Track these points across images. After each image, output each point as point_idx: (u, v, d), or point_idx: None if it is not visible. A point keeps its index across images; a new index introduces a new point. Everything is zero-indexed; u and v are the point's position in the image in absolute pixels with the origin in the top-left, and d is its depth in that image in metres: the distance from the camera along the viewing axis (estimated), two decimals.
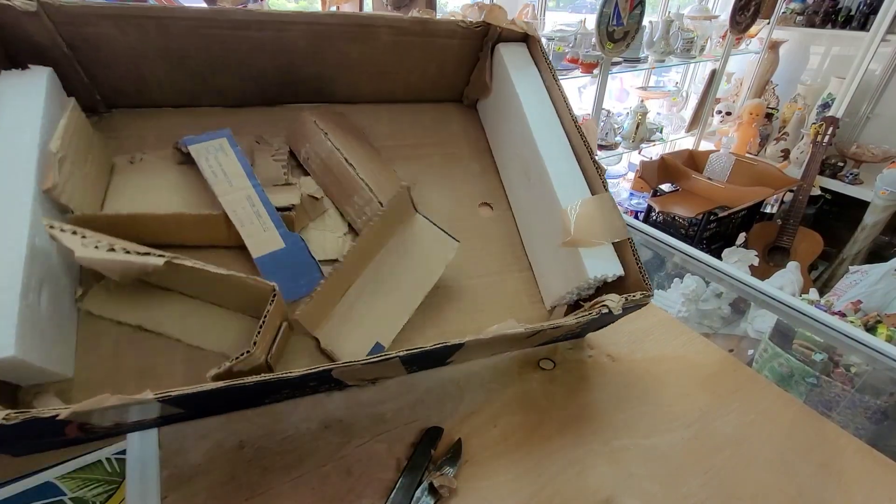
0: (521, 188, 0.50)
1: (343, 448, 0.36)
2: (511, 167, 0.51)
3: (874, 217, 2.03)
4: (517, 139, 0.48)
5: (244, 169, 0.41)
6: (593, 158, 0.44)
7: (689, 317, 1.05)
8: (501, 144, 0.53)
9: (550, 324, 0.35)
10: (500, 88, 0.51)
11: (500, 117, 0.52)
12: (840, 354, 0.75)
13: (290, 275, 0.40)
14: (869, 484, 0.37)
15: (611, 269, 0.40)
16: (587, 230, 0.40)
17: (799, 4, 2.39)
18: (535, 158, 0.45)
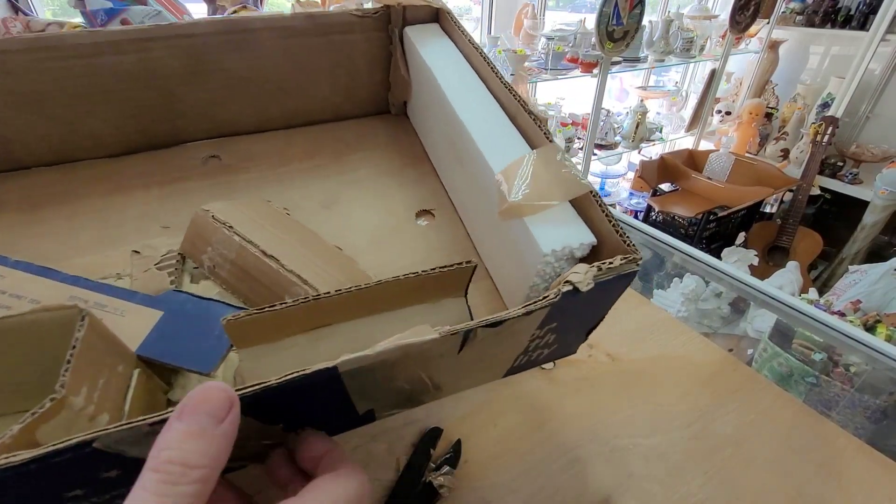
0: (459, 178, 0.40)
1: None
2: (446, 159, 0.43)
3: (874, 217, 2.03)
4: (443, 123, 0.40)
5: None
6: (529, 110, 0.34)
7: (688, 316, 1.06)
8: (433, 139, 0.45)
9: (481, 321, 0.23)
10: (420, 78, 0.43)
11: (426, 110, 0.44)
12: (839, 354, 0.75)
13: (192, 336, 0.30)
14: (868, 483, 0.37)
15: (575, 236, 0.28)
16: (531, 192, 0.29)
17: (798, 4, 2.39)
18: (461, 133, 0.36)
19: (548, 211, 0.29)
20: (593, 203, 0.29)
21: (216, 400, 0.17)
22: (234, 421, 0.17)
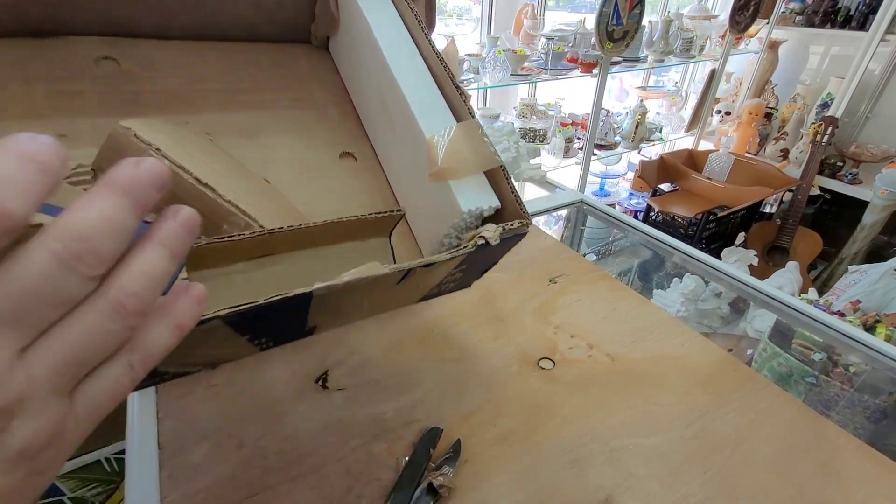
0: (384, 129, 0.43)
1: (343, 448, 0.36)
2: (371, 108, 0.44)
3: (873, 217, 2.03)
4: (373, 74, 0.41)
5: None
6: (456, 85, 0.38)
7: (688, 316, 1.06)
8: (358, 84, 0.45)
9: (420, 262, 0.29)
10: (350, 20, 0.43)
11: (353, 53, 0.44)
12: (839, 354, 0.75)
13: None
14: (868, 483, 0.37)
15: (486, 200, 0.35)
16: (456, 160, 0.36)
17: (798, 4, 2.39)
18: (393, 90, 0.38)
19: (466, 178, 0.36)
20: (501, 176, 0.36)
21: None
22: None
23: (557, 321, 0.51)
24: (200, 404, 0.39)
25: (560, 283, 0.57)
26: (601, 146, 2.04)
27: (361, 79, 0.45)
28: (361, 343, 0.46)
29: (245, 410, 0.39)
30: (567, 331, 0.49)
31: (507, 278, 0.57)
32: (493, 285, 0.55)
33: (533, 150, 1.49)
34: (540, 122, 1.90)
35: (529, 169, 1.09)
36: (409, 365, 0.44)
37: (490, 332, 0.49)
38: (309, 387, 0.41)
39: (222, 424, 0.37)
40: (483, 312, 0.51)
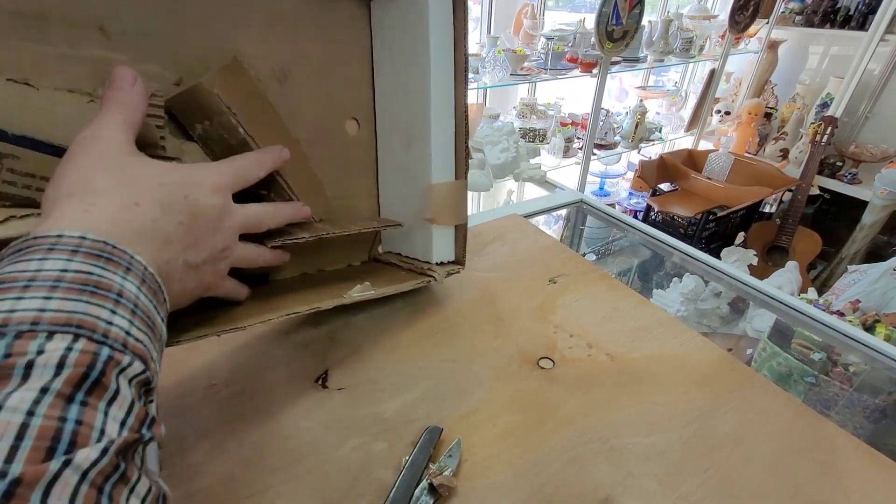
0: (395, 134, 0.48)
1: (343, 447, 0.36)
2: (393, 103, 0.47)
3: (873, 216, 2.03)
4: (410, 86, 0.45)
5: None
6: (467, 143, 0.46)
7: (687, 316, 1.06)
8: (388, 68, 0.47)
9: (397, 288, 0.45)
10: (407, 16, 0.43)
11: (398, 38, 0.45)
12: (838, 354, 0.75)
13: None
14: (867, 483, 0.37)
15: (448, 256, 0.50)
16: (443, 212, 0.47)
17: (798, 4, 2.39)
18: (423, 122, 0.44)
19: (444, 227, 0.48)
20: (463, 229, 0.50)
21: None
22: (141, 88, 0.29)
23: (557, 321, 0.51)
24: (200, 404, 0.39)
25: (560, 283, 0.57)
26: (601, 146, 2.04)
27: (394, 71, 0.47)
28: (361, 343, 0.46)
29: (245, 410, 0.39)
30: (567, 330, 0.49)
31: (506, 278, 0.57)
32: (492, 285, 0.56)
33: (533, 150, 1.49)
34: (540, 122, 1.91)
35: (529, 169, 1.09)
36: (409, 365, 0.44)
37: (490, 332, 0.49)
38: (309, 386, 0.41)
39: (222, 424, 0.38)
40: (483, 312, 0.51)
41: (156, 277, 0.24)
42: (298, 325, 0.48)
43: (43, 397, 0.16)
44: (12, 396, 0.16)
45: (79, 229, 0.22)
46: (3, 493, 0.14)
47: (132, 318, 0.21)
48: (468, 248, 0.61)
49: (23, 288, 0.19)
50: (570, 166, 1.90)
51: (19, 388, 0.16)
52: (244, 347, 0.45)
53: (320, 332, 0.47)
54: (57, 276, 0.19)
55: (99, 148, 0.26)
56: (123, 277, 0.22)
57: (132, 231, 0.24)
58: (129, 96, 0.28)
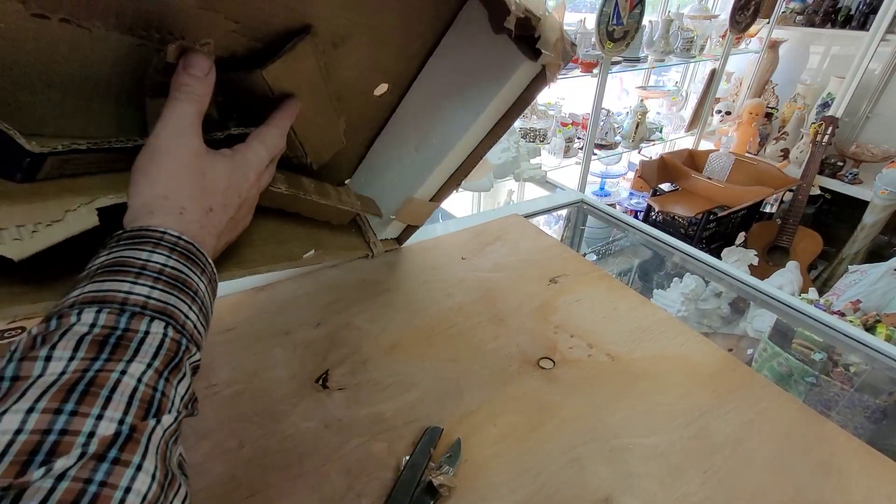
0: (413, 129, 0.50)
1: (343, 447, 0.36)
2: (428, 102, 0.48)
3: (873, 216, 2.03)
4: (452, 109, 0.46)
5: None
6: (460, 181, 0.52)
7: (688, 316, 1.06)
8: (443, 75, 0.46)
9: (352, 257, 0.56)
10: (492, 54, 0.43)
11: (467, 64, 0.45)
12: (839, 354, 0.75)
13: None
14: (868, 483, 0.37)
15: (393, 235, 0.60)
16: (408, 217, 0.55)
17: (799, 4, 2.39)
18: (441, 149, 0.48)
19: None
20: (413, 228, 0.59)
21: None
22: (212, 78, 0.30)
23: (557, 321, 0.51)
24: (200, 404, 0.39)
25: (560, 283, 0.57)
26: (601, 146, 2.04)
27: (446, 86, 0.47)
28: (361, 343, 0.46)
29: (245, 410, 0.39)
30: (567, 330, 0.49)
31: (507, 278, 0.57)
32: (493, 285, 0.56)
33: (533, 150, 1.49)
34: (540, 122, 1.90)
35: (529, 169, 1.09)
36: (409, 365, 0.44)
37: (490, 332, 0.49)
38: (309, 387, 0.41)
39: (222, 424, 0.38)
40: (483, 312, 0.51)
41: (216, 277, 0.30)
42: (298, 325, 0.48)
43: (148, 371, 0.21)
44: (131, 365, 0.21)
45: (177, 230, 0.27)
46: (126, 434, 0.19)
47: (200, 313, 0.26)
48: (469, 248, 0.62)
49: (136, 274, 0.24)
50: (571, 166, 1.90)
51: (134, 359, 0.21)
52: (244, 347, 0.45)
53: (320, 332, 0.47)
54: (160, 269, 0.24)
55: (183, 156, 0.29)
56: (199, 278, 0.27)
57: (209, 234, 0.30)
58: (203, 87, 0.30)
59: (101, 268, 0.24)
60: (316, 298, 0.51)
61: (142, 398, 0.20)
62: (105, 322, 0.21)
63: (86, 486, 0.17)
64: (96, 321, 0.21)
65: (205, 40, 0.30)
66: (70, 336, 0.20)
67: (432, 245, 0.62)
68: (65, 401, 0.18)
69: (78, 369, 0.20)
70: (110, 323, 0.21)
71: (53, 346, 0.20)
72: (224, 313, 0.48)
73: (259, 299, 0.51)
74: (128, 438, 0.19)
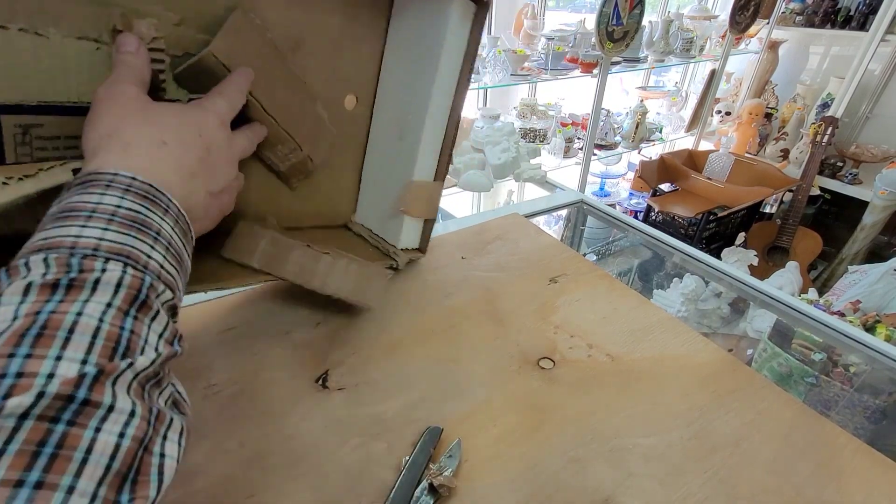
0: (390, 124, 0.50)
1: (343, 448, 0.36)
2: (393, 96, 0.50)
3: (873, 217, 2.03)
4: (414, 85, 0.47)
5: None
6: (451, 151, 0.50)
7: (688, 316, 1.06)
8: (397, 61, 0.48)
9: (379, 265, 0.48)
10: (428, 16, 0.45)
11: (413, 40, 0.47)
12: (839, 354, 0.75)
13: None
14: (868, 483, 0.37)
15: (413, 243, 0.53)
16: (417, 206, 0.50)
17: (798, 4, 2.39)
18: (419, 122, 0.47)
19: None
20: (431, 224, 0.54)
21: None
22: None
23: (557, 321, 0.51)
24: (200, 404, 0.39)
25: (560, 283, 0.57)
26: (601, 146, 2.04)
27: (403, 68, 0.49)
28: (361, 343, 0.46)
29: (245, 410, 0.39)
30: (567, 331, 0.49)
31: (507, 278, 0.57)
32: (492, 285, 0.56)
33: (533, 150, 1.49)
34: (540, 122, 1.91)
35: (529, 169, 1.09)
36: (409, 365, 0.44)
37: (490, 332, 0.49)
38: (309, 387, 0.41)
39: (222, 424, 0.37)
40: (483, 312, 0.51)
41: (186, 219, 0.28)
42: (298, 325, 0.48)
43: (109, 310, 0.21)
44: (88, 305, 0.20)
45: (129, 169, 0.25)
46: (94, 375, 0.19)
47: (166, 254, 0.25)
48: (469, 247, 0.61)
49: (86, 217, 0.23)
50: (571, 166, 1.90)
51: (91, 299, 0.20)
52: (244, 347, 0.45)
53: (320, 332, 0.47)
54: (112, 211, 0.23)
55: (121, 99, 0.29)
56: (162, 218, 0.26)
57: (167, 170, 0.28)
58: (136, 59, 0.31)
59: (50, 217, 0.23)
60: (316, 298, 0.51)
61: (107, 337, 0.20)
62: (55, 266, 0.20)
63: (52, 426, 0.17)
64: (46, 269, 0.20)
65: (149, 19, 0.33)
66: (18, 284, 0.20)
67: (432, 245, 0.62)
68: (17, 345, 0.18)
69: (30, 312, 0.19)
70: (60, 266, 0.20)
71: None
72: (224, 313, 0.48)
73: (259, 299, 0.51)
74: (95, 380, 0.18)
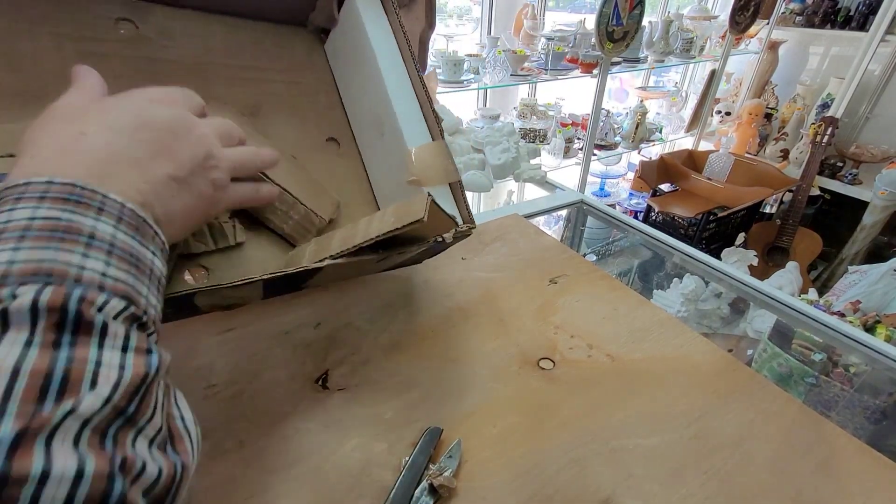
0: (371, 130, 0.49)
1: (343, 448, 0.36)
2: (361, 109, 0.50)
3: (873, 217, 2.03)
4: (368, 83, 0.47)
5: None
6: (433, 108, 0.46)
7: (688, 316, 1.06)
8: (349, 83, 0.50)
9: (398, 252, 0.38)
10: (348, 24, 0.47)
11: (349, 56, 0.49)
12: (839, 354, 0.75)
13: None
14: (868, 484, 0.37)
15: (449, 208, 0.44)
16: (428, 171, 0.44)
17: (798, 4, 2.39)
18: (387, 105, 0.45)
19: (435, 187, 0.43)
20: (458, 187, 0.45)
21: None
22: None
23: (557, 321, 0.51)
24: (200, 404, 0.39)
25: (560, 284, 0.57)
26: (601, 146, 2.04)
27: (354, 82, 0.50)
28: (361, 343, 0.46)
29: (245, 411, 0.39)
30: (567, 331, 0.49)
31: (507, 278, 0.57)
32: (493, 285, 0.56)
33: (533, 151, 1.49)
34: (540, 123, 1.91)
35: (529, 169, 1.09)
36: (409, 365, 0.44)
37: (490, 332, 0.49)
38: (309, 387, 0.41)
39: (222, 425, 0.37)
40: (483, 312, 0.51)
41: (137, 212, 0.23)
42: (298, 325, 0.48)
43: (28, 347, 0.16)
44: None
45: (46, 174, 0.21)
46: (11, 440, 0.14)
47: (108, 257, 0.20)
48: (469, 248, 0.61)
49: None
50: (571, 167, 1.90)
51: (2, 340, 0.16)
52: (244, 348, 0.45)
53: (320, 333, 0.47)
54: (25, 226, 0.19)
55: (50, 110, 0.26)
56: (96, 218, 0.21)
57: (94, 162, 0.23)
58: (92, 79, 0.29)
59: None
60: (316, 298, 0.51)
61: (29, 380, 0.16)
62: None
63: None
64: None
65: None
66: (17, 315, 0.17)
67: None
68: None
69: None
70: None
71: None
72: (224, 313, 0.48)
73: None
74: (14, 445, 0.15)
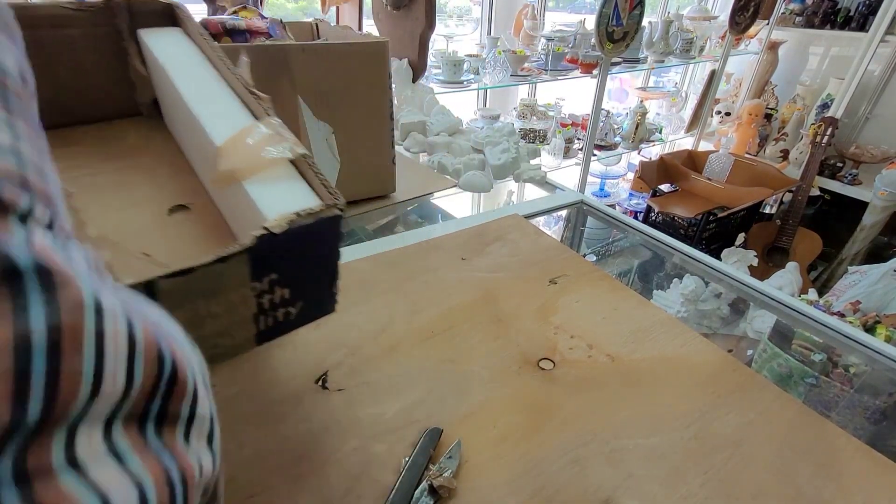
0: (203, 163, 0.41)
1: (342, 449, 0.36)
2: (191, 150, 0.43)
3: (873, 217, 2.03)
4: (180, 113, 0.40)
5: None
6: (253, 91, 0.36)
7: (688, 317, 1.06)
8: (180, 133, 0.44)
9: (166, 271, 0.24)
10: (159, 79, 0.42)
11: (170, 106, 0.44)
12: (839, 355, 0.75)
13: None
14: (868, 484, 0.37)
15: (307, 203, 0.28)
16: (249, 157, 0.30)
17: (798, 5, 2.39)
18: (187, 113, 0.37)
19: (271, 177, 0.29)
20: (306, 165, 0.30)
21: None
22: None
23: (557, 321, 0.51)
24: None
25: (560, 284, 0.57)
26: (601, 147, 2.04)
27: (178, 125, 0.43)
28: (361, 343, 0.46)
29: (245, 410, 0.39)
30: (567, 331, 0.49)
31: (507, 279, 0.57)
32: (492, 286, 0.56)
33: (533, 151, 1.49)
34: (540, 123, 1.91)
35: (529, 169, 1.09)
36: (409, 365, 0.44)
37: (490, 333, 0.49)
38: (309, 387, 0.41)
39: (222, 424, 0.37)
40: (483, 313, 0.51)
41: None
42: None
43: None
44: None
45: None
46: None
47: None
48: (469, 248, 0.60)
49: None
50: (571, 167, 1.90)
51: None
52: None
53: (319, 333, 0.47)
54: None
55: None
56: None
57: None
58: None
59: None
60: None
61: None
62: None
63: None
64: None
65: None
66: None
67: (432, 245, 0.62)
68: None
69: None
70: None
71: None
72: None
73: None
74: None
